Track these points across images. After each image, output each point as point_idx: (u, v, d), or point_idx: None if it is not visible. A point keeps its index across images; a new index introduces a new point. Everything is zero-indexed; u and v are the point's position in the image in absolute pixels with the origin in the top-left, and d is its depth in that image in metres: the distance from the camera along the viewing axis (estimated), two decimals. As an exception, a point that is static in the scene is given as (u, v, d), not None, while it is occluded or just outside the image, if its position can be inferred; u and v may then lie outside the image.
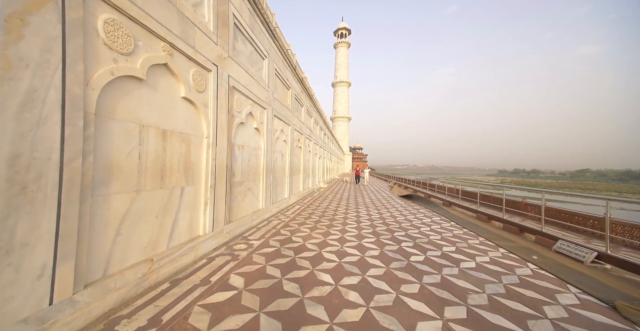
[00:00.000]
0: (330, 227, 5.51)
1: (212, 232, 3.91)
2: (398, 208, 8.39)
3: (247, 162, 5.45)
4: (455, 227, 5.88)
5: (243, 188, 5.28)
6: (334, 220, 6.25)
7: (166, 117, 3.01)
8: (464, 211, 8.11)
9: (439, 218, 6.91)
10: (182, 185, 3.31)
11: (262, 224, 5.62)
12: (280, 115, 7.72)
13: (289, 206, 8.26)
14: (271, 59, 6.76)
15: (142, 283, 2.51)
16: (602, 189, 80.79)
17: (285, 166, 8.75)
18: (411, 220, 6.47)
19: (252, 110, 5.58)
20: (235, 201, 4.94)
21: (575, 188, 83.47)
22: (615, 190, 78.14)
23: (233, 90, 4.66)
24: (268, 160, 6.68)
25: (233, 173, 4.82)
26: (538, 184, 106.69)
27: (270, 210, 6.74)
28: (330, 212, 7.39)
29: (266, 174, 6.52)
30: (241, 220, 5.02)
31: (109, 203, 2.30)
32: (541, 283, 3.02)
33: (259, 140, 6.16)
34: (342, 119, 61.00)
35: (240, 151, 5.15)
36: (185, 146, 3.37)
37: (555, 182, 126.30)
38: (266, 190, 6.50)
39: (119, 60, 2.36)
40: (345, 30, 64.18)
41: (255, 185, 6.00)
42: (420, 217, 7.02)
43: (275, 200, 7.63)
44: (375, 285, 2.80)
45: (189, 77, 3.37)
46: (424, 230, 5.41)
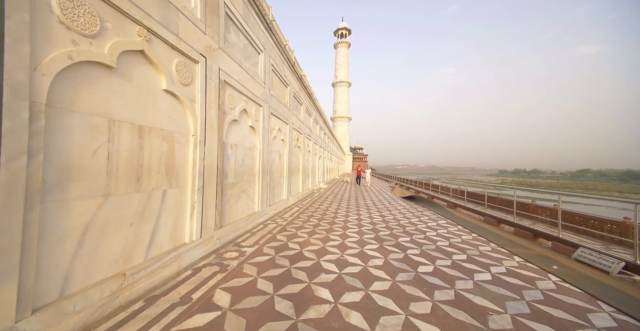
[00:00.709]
0: (330, 232, 5.16)
1: (200, 239, 3.56)
2: (401, 211, 8.04)
3: (241, 162, 5.10)
4: (463, 231, 5.52)
5: (236, 190, 4.93)
6: (334, 224, 5.90)
7: (144, 112, 2.66)
8: (470, 213, 7.74)
9: (445, 221, 6.55)
10: (164, 187, 2.96)
11: (258, 228, 5.27)
12: (277, 113, 7.37)
13: (287, 208, 7.91)
14: (267, 53, 6.41)
15: (111, 302, 2.16)
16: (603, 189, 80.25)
17: (283, 166, 8.40)
18: (415, 224, 6.11)
19: (247, 107, 5.24)
20: (228, 204, 4.59)
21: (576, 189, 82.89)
22: (617, 190, 77.69)
23: (224, 85, 4.32)
24: (264, 160, 6.33)
25: (225, 175, 4.48)
26: (539, 184, 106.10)
27: (266, 213, 6.39)
28: (330, 215, 7.04)
29: (262, 175, 6.17)
30: (234, 224, 4.67)
31: (67, 211, 1.95)
32: (568, 299, 2.67)
33: (254, 139, 5.82)
34: (342, 119, 60.65)
35: (234, 151, 4.80)
36: (168, 144, 3.02)
37: (556, 182, 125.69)
38: (262, 192, 6.15)
39: (81, 42, 2.02)
40: (346, 30, 63.88)
41: (251, 186, 5.66)
42: (425, 220, 6.66)
43: (272, 202, 7.28)
44: (380, 303, 2.45)
45: (171, 67, 3.03)
46: (430, 235, 5.05)
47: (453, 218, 6.92)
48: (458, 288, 2.81)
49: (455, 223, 6.24)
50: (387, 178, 29.27)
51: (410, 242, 4.54)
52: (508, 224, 5.80)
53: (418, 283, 2.89)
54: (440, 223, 6.24)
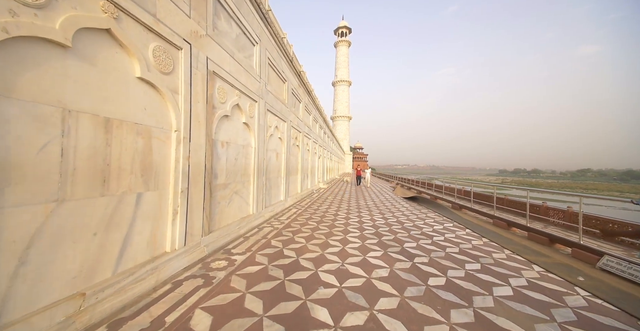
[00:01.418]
0: (329, 236, 4.78)
1: (184, 247, 3.18)
2: (404, 212, 7.66)
3: (233, 161, 4.72)
4: (472, 235, 5.14)
5: (228, 191, 4.55)
6: (333, 227, 5.52)
7: (112, 102, 2.28)
8: (477, 215, 7.37)
9: (451, 224, 6.18)
10: (139, 190, 2.58)
11: (252, 232, 4.89)
12: (274, 110, 6.99)
13: (284, 209, 7.53)
14: (263, 46, 6.03)
15: (63, 330, 1.79)
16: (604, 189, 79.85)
17: (280, 166, 8.02)
18: (421, 227, 5.74)
19: (240, 102, 4.86)
20: (218, 207, 4.22)
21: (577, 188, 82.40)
22: (617, 189, 77.33)
23: (214, 77, 3.94)
24: (260, 159, 5.96)
25: (215, 175, 4.10)
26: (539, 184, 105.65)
27: (262, 215, 6.01)
28: (330, 217, 6.66)
29: (258, 175, 5.79)
30: (225, 228, 4.30)
31: (2, 221, 1.58)
32: (606, 320, 2.29)
33: (248, 136, 5.44)
34: (342, 118, 60.26)
35: (225, 149, 4.42)
36: (144, 141, 2.64)
37: (556, 182, 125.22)
38: (258, 193, 5.78)
39: (22, 13, 1.64)
40: (346, 29, 63.45)
41: (245, 187, 5.28)
42: (430, 222, 6.29)
43: (269, 204, 6.90)
44: (388, 326, 2.07)
45: (147, 52, 2.65)
46: (438, 240, 4.68)
47: (460, 220, 6.55)
48: (477, 306, 2.43)
49: (462, 227, 5.87)
50: (388, 178, 28.90)
51: (416, 249, 4.16)
52: (520, 228, 5.42)
53: (430, 300, 2.52)
54: (447, 227, 5.86)
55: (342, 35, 63.32)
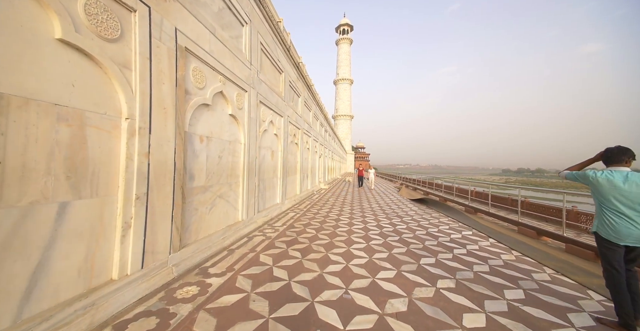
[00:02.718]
0: (330, 249, 4.04)
1: (141, 271, 2.45)
2: (413, 217, 6.89)
3: (216, 159, 3.99)
4: (498, 247, 4.37)
5: (210, 195, 3.82)
6: (335, 237, 4.77)
7: (5, 71, 1.55)
8: (496, 220, 6.59)
9: (470, 231, 5.41)
10: (62, 198, 1.85)
11: (239, 243, 4.16)
12: (269, 102, 6.25)
13: (281, 214, 6.79)
14: (255, 28, 5.28)
15: None
16: None
17: (277, 165, 7.29)
18: (436, 236, 4.97)
19: (225, 89, 4.12)
20: (196, 215, 3.48)
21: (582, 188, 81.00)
22: (624, 190, 75.67)
23: (187, 55, 3.20)
24: (251, 157, 5.22)
25: (190, 176, 3.36)
26: (543, 184, 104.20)
27: (254, 221, 5.28)
28: (331, 223, 5.91)
29: (248, 175, 5.05)
30: (205, 240, 3.56)
31: None
32: None
33: (236, 131, 4.70)
34: (344, 117, 59.46)
35: (205, 144, 3.69)
36: (72, 130, 1.91)
37: (561, 182, 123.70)
38: (248, 196, 5.04)
39: None
40: (347, 27, 62.59)
41: (232, 190, 4.54)
42: (445, 229, 5.52)
43: (262, 207, 6.16)
44: None
45: (74, 5, 1.91)
46: (459, 254, 3.92)
47: (478, 227, 5.78)
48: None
49: (485, 235, 5.10)
50: (391, 178, 28.11)
51: (437, 266, 3.40)
52: (553, 237, 4.64)
53: (474, 357, 1.76)
54: (466, 235, 5.09)
55: (344, 32, 62.47)
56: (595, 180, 2.25)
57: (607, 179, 2.18)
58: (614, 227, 2.13)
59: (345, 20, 62.26)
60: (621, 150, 2.22)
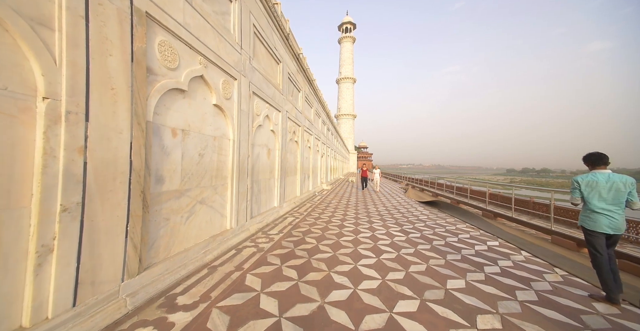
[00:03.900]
0: (333, 266, 3.33)
1: (72, 310, 1.77)
2: (426, 222, 6.16)
3: (196, 158, 3.30)
4: (535, 262, 3.63)
5: (187, 201, 3.14)
6: (339, 248, 4.07)
7: None
8: (521, 227, 5.84)
9: (496, 241, 4.66)
10: None
11: (225, 257, 3.47)
12: (264, 94, 5.56)
13: (278, 219, 6.10)
14: (245, 5, 4.59)
15: None
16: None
17: (274, 165, 6.60)
18: (458, 247, 4.24)
19: (207, 74, 3.44)
20: (166, 226, 2.80)
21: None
22: (632, 190, 74.12)
23: (149, 22, 2.51)
24: (242, 155, 4.53)
25: (158, 178, 2.68)
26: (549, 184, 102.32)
27: (246, 229, 4.59)
28: (334, 230, 5.20)
29: (239, 176, 4.37)
30: (178, 257, 2.88)
31: None
32: None
33: (223, 125, 4.01)
34: (347, 117, 58.70)
35: (180, 139, 3.00)
36: None
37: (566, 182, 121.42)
38: (238, 201, 4.35)
39: None
40: (350, 25, 61.81)
41: (218, 193, 3.86)
42: (466, 239, 4.78)
43: (257, 212, 5.48)
44: None
45: None
46: (492, 273, 3.19)
47: (503, 235, 5.03)
48: None
49: (515, 247, 4.35)
50: (396, 178, 27.31)
51: (469, 293, 2.68)
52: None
53: None
54: (492, 246, 4.35)
55: (347, 31, 61.70)
56: (584, 182, 2.68)
57: (593, 180, 2.62)
58: (598, 220, 2.56)
59: (348, 18, 61.48)
60: (601, 156, 2.67)
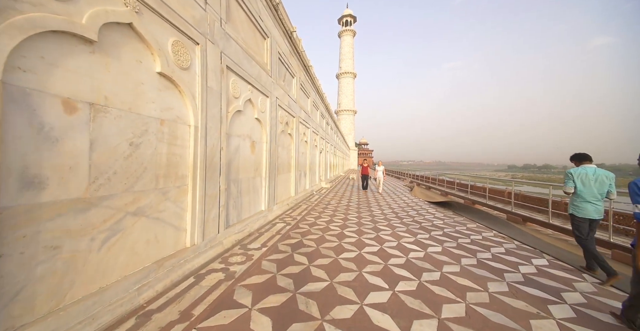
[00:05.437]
0: (329, 307, 2.25)
1: None
2: (444, 230, 5.08)
3: (123, 149, 2.20)
4: (618, 296, 2.56)
5: (104, 214, 2.05)
6: (338, 273, 2.99)
7: None
8: (561, 235, 4.76)
9: (542, 259, 3.59)
10: None
11: (169, 295, 2.40)
12: (245, 73, 4.45)
13: (265, 225, 5.04)
14: (213, -52, 3.45)
15: None
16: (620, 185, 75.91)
17: (260, 160, 5.51)
18: (497, 269, 3.16)
19: (140, 22, 2.33)
20: (52, 260, 1.72)
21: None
22: (635, 186, 73.42)
23: None
24: (211, 148, 3.44)
25: (29, 181, 1.59)
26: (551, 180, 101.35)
27: (217, 243, 3.52)
28: (332, 242, 4.13)
29: (206, 175, 3.28)
30: (78, 308, 1.81)
31: None
32: None
33: (178, 105, 2.90)
34: (347, 112, 57.39)
35: (85, 118, 1.90)
36: None
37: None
38: (205, 207, 3.28)
39: None
40: (351, 18, 60.12)
41: (170, 199, 2.78)
42: (502, 254, 3.71)
43: (237, 219, 4.42)
44: None
45: None
46: (564, 320, 2.11)
47: (548, 249, 3.96)
48: None
49: (574, 268, 3.28)
50: (399, 175, 26.20)
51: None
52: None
53: None
54: (541, 267, 3.27)
55: (347, 24, 60.05)
56: (576, 174, 3.19)
57: (583, 172, 3.15)
58: (587, 208, 3.10)
59: (348, 11, 59.76)
60: (586, 154, 3.29)
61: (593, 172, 3.14)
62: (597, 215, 3.08)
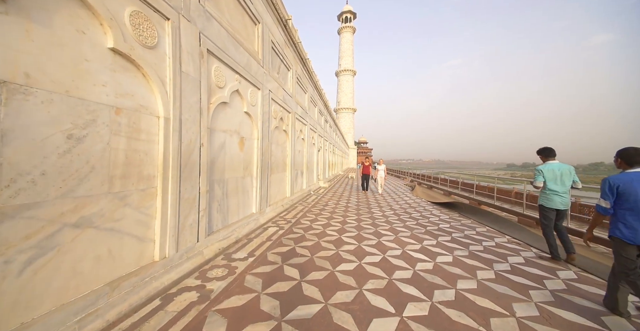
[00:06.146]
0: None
1: None
2: (453, 235, 4.61)
3: (57, 143, 1.72)
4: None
5: (25, 228, 1.57)
6: (334, 291, 2.52)
7: None
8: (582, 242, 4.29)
9: (568, 271, 3.13)
10: None
11: (122, 326, 1.93)
12: (231, 60, 3.96)
13: (255, 230, 4.56)
14: None
15: None
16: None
17: (251, 158, 5.03)
18: (518, 285, 2.70)
19: (87, -13, 1.84)
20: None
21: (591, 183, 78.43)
22: (634, 184, 73.61)
23: None
24: (186, 143, 2.95)
25: None
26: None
27: (196, 254, 3.05)
28: (329, 250, 3.66)
29: (180, 175, 2.81)
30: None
31: None
32: None
33: (141, 90, 2.40)
34: (346, 111, 56.87)
35: (3, 104, 1.42)
36: None
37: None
38: (179, 213, 2.80)
39: None
40: (350, 14, 59.42)
41: (131, 205, 2.30)
42: (522, 265, 3.24)
43: (223, 224, 3.96)
44: None
45: None
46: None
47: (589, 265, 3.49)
48: None
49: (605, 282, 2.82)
50: (399, 173, 25.75)
51: None
52: None
53: None
54: (570, 282, 2.81)
55: (347, 20, 59.37)
56: (545, 170, 3.50)
57: (551, 169, 3.48)
58: (554, 199, 3.44)
59: (348, 7, 59.05)
60: (552, 150, 3.59)
61: (558, 167, 3.48)
62: (562, 206, 3.44)
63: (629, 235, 2.11)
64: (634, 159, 2.22)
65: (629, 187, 2.13)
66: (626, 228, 2.14)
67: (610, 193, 2.22)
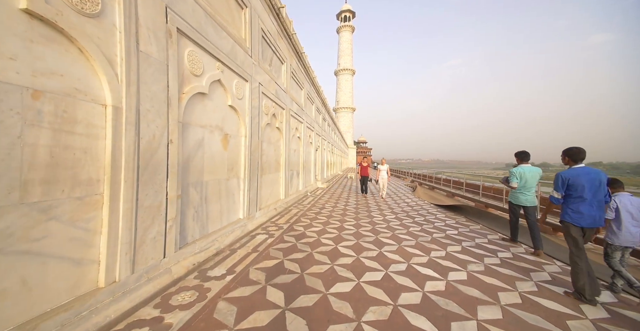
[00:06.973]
0: None
1: None
2: (463, 244, 4.10)
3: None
4: None
5: None
6: (326, 324, 2.00)
7: None
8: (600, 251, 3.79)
9: (604, 291, 2.62)
10: None
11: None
12: (210, 44, 3.43)
13: (242, 237, 4.03)
14: None
15: None
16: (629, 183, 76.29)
17: (237, 158, 4.50)
18: (555, 314, 2.18)
19: None
20: None
21: (591, 183, 78.13)
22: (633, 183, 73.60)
23: None
24: (149, 139, 2.42)
25: None
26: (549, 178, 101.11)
27: (162, 273, 2.52)
28: (323, 265, 3.13)
29: (137, 178, 2.29)
30: None
31: None
32: None
33: (75, 69, 1.87)
34: (345, 110, 56.32)
35: None
36: None
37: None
38: (137, 225, 2.27)
39: None
40: (349, 13, 58.84)
41: (54, 217, 1.78)
42: (547, 283, 2.73)
43: (200, 234, 3.43)
44: None
45: None
46: None
47: (600, 271, 2.98)
48: None
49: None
50: (399, 173, 25.25)
51: None
52: None
53: None
54: (609, 306, 2.30)
55: (345, 19, 58.79)
56: (518, 172, 3.97)
57: (522, 172, 3.96)
58: (520, 197, 4.00)
59: (347, 6, 58.46)
60: (527, 154, 4.10)
61: (528, 171, 3.98)
62: (528, 203, 3.96)
63: (576, 218, 2.54)
64: (577, 157, 2.65)
65: (577, 179, 2.55)
66: (573, 212, 2.56)
67: (562, 186, 2.64)
